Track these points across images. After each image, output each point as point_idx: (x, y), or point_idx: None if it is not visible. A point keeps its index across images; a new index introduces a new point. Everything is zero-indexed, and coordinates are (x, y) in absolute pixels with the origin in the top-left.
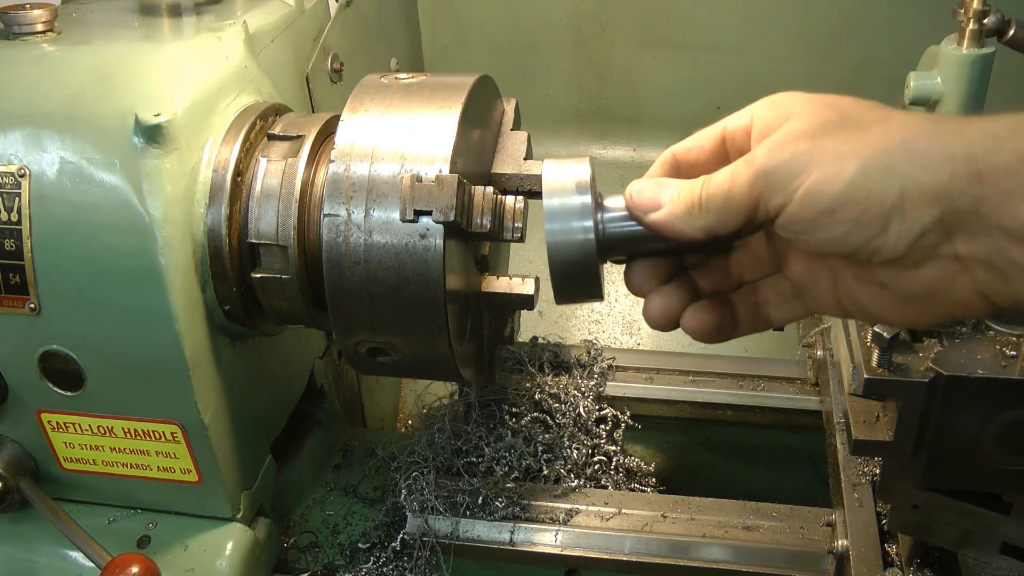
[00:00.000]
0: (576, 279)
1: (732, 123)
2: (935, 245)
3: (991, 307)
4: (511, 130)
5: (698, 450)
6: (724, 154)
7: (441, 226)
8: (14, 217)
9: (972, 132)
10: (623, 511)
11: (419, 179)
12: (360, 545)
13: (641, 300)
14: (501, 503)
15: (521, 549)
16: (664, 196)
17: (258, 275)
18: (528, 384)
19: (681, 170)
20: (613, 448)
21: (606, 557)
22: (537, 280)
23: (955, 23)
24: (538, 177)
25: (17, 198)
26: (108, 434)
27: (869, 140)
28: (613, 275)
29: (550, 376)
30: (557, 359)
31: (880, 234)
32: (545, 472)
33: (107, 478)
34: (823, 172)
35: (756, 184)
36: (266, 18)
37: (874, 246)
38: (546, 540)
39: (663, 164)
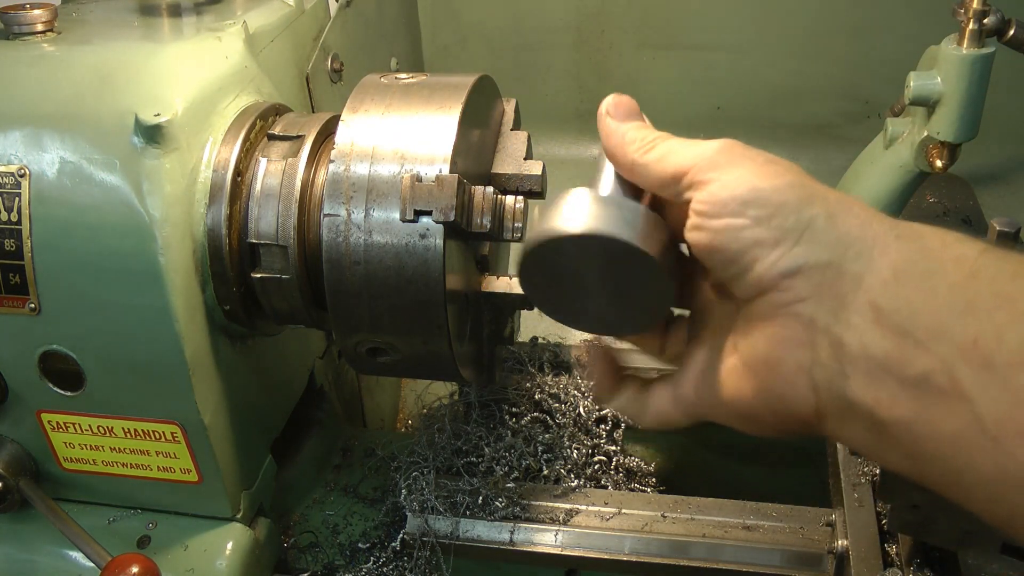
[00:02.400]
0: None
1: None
2: (800, 298)
3: (812, 405)
4: (511, 130)
5: (698, 450)
6: None
7: (441, 226)
8: (14, 217)
9: (903, 222)
10: (623, 511)
11: (419, 179)
12: (360, 545)
13: None
14: (501, 503)
15: (521, 549)
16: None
17: (258, 275)
18: (528, 384)
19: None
20: (613, 448)
21: (606, 557)
22: None
23: (955, 23)
24: (538, 177)
25: (17, 198)
26: (108, 434)
27: (808, 177)
28: None
29: (550, 376)
30: (557, 359)
31: (768, 249)
32: (545, 472)
33: (107, 478)
34: (756, 169)
35: (696, 156)
36: (266, 18)
37: (751, 259)
38: (546, 540)
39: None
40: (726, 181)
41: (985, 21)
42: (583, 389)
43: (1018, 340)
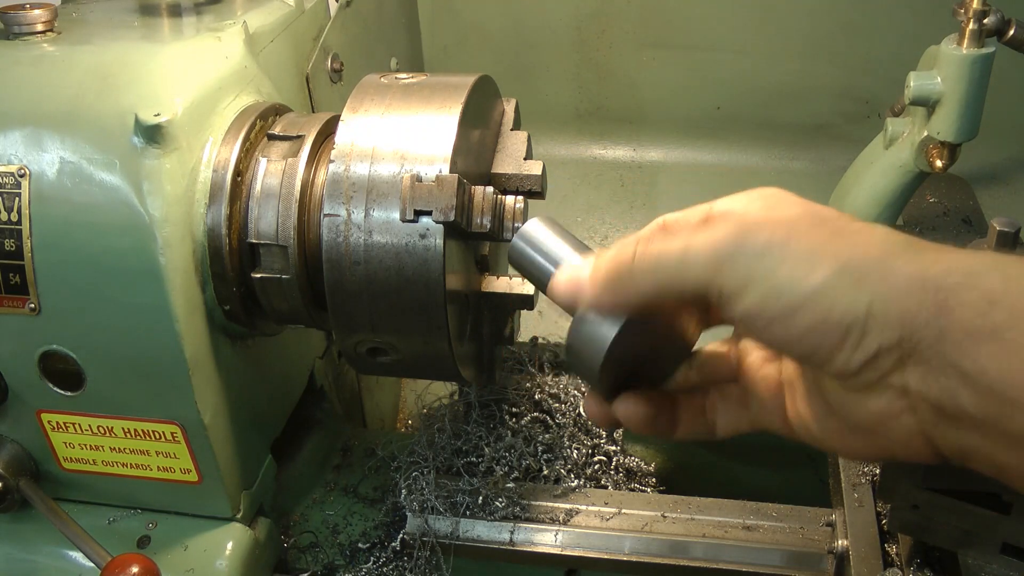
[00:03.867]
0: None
1: (720, 206)
2: (888, 372)
3: (934, 453)
4: (511, 130)
5: (698, 450)
6: None
7: (441, 226)
8: (14, 217)
9: (948, 261)
10: (623, 511)
11: (419, 179)
12: (360, 545)
13: None
14: (501, 503)
15: (521, 549)
16: (583, 272)
17: (258, 275)
18: (528, 384)
19: None
20: (613, 448)
21: (606, 557)
22: None
23: (955, 23)
24: (538, 177)
25: (17, 198)
26: (108, 434)
27: (846, 245)
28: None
29: (550, 376)
30: (557, 359)
31: (836, 347)
32: (545, 472)
33: (107, 478)
34: (793, 270)
35: (717, 259)
36: (266, 18)
37: (826, 356)
38: (546, 540)
39: (651, 230)
40: (764, 291)
41: (985, 21)
42: (583, 389)
43: None
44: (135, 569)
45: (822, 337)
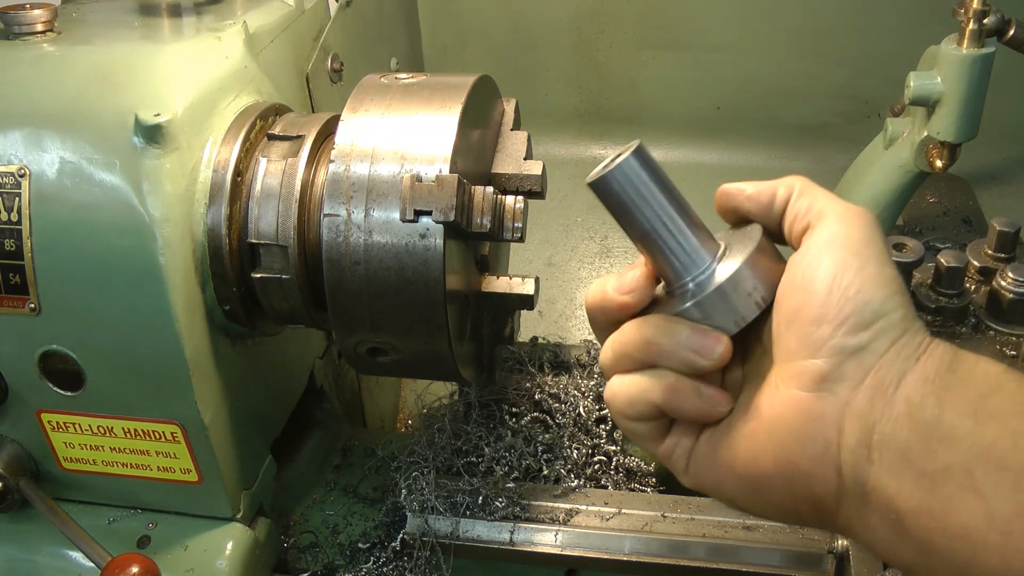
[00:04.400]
0: None
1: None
2: (844, 378)
3: (832, 489)
4: (511, 130)
5: None
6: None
7: (441, 226)
8: (14, 217)
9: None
10: (623, 511)
11: (419, 179)
12: (360, 545)
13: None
14: (501, 503)
15: (521, 549)
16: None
17: (258, 275)
18: (528, 384)
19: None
20: (613, 448)
21: (606, 557)
22: (537, 280)
23: (955, 23)
24: (538, 177)
25: (17, 198)
26: (108, 434)
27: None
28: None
29: (550, 376)
30: (557, 359)
31: (842, 318)
32: (545, 472)
33: (107, 478)
34: (874, 255)
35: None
36: (266, 18)
37: (825, 316)
38: (546, 540)
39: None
40: (849, 238)
41: (985, 21)
42: (583, 389)
43: None
44: (135, 569)
45: (843, 300)
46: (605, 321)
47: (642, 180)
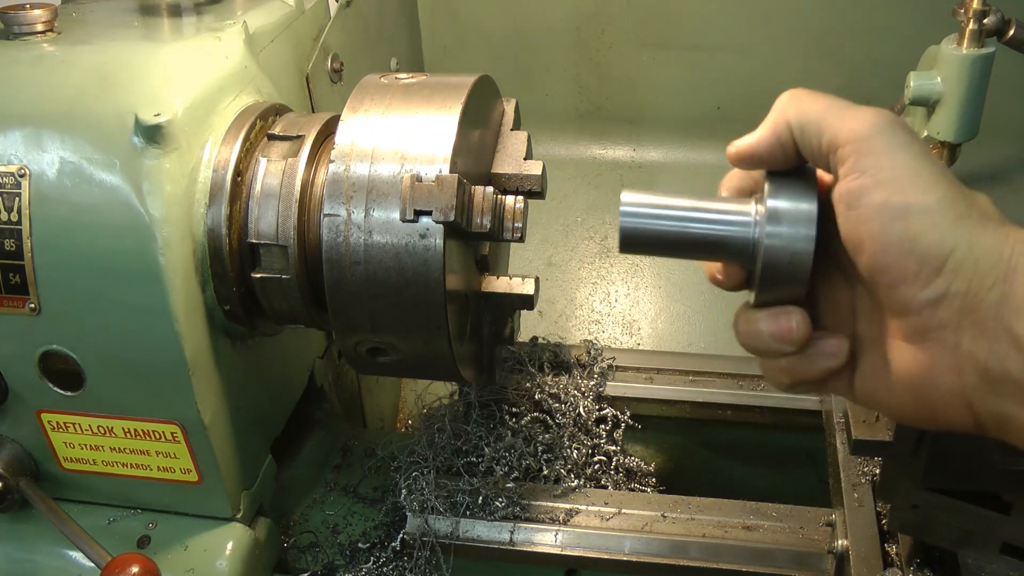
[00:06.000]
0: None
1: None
2: (944, 324)
3: (973, 420)
4: (511, 130)
5: (698, 450)
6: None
7: (441, 226)
8: (14, 217)
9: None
10: (623, 511)
11: (419, 179)
12: (360, 545)
13: (639, 301)
14: (501, 503)
15: (521, 549)
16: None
17: (258, 275)
18: (528, 384)
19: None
20: (613, 448)
21: (606, 557)
22: (537, 280)
23: (955, 23)
24: (538, 177)
25: (17, 198)
26: (108, 434)
27: (960, 188)
28: (613, 274)
29: (550, 376)
30: (557, 359)
31: (911, 275)
32: (545, 472)
33: (107, 478)
34: (915, 177)
35: (852, 139)
36: (266, 18)
37: (897, 279)
38: (546, 540)
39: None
40: (879, 179)
41: (985, 21)
42: (583, 389)
43: None
44: (135, 569)
45: (904, 257)
46: None
47: (648, 215)
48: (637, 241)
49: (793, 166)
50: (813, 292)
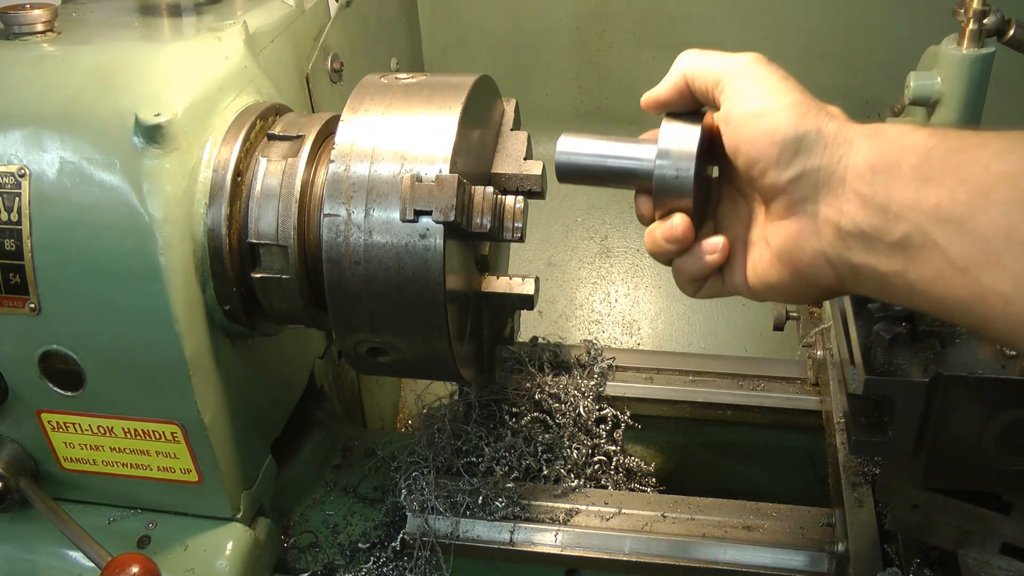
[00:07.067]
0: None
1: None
2: (804, 198)
3: (834, 275)
4: (511, 130)
5: (698, 450)
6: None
7: (441, 226)
8: (14, 217)
9: (865, 125)
10: (623, 511)
11: (419, 179)
12: (360, 545)
13: (639, 301)
14: (501, 503)
15: (521, 549)
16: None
17: (258, 275)
18: (528, 384)
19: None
20: (613, 448)
21: (606, 557)
22: (537, 280)
23: (955, 23)
24: (538, 177)
25: (17, 198)
26: (108, 434)
27: (809, 97)
28: (613, 274)
29: (550, 376)
30: (557, 359)
31: (774, 160)
32: (545, 472)
33: (107, 478)
34: (771, 90)
35: (730, 69)
36: (266, 18)
37: (765, 167)
38: (546, 540)
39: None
40: (746, 97)
41: (985, 21)
42: (583, 389)
43: (966, 196)
44: (135, 569)
45: (766, 147)
46: None
47: (577, 153)
48: (568, 173)
49: (692, 109)
50: (717, 213)
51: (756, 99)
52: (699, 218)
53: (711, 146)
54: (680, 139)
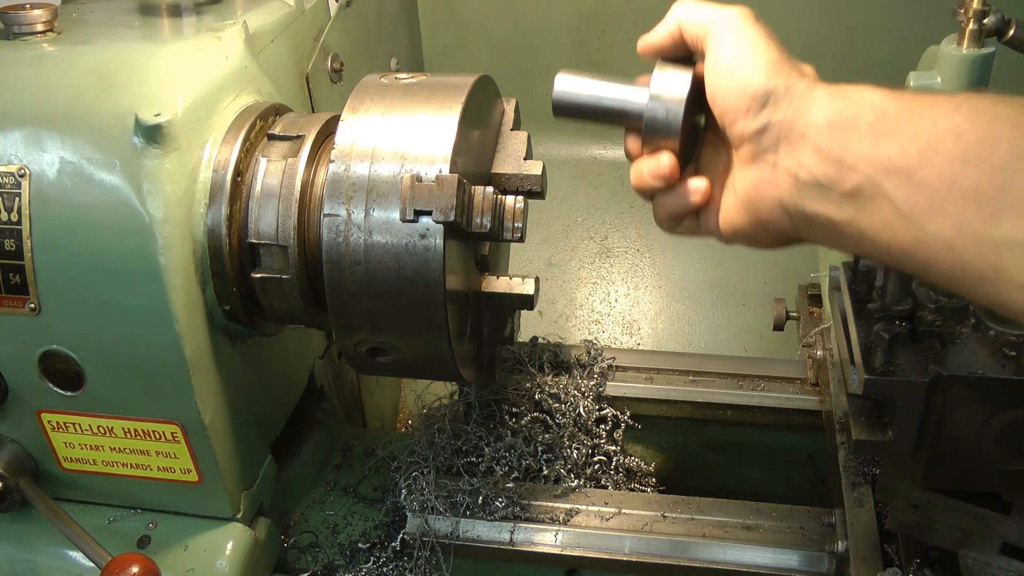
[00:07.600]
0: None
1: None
2: (767, 148)
3: (789, 222)
4: (511, 130)
5: (698, 450)
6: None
7: (441, 226)
8: (14, 217)
9: (833, 85)
10: (623, 511)
11: (419, 179)
12: (360, 545)
13: (639, 301)
14: (501, 503)
15: (521, 549)
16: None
17: (258, 275)
18: (528, 384)
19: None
20: (613, 448)
21: (606, 557)
22: (537, 280)
23: (955, 23)
24: (538, 177)
25: (17, 198)
26: (108, 434)
27: (785, 56)
28: (613, 274)
29: (550, 376)
30: (557, 359)
31: (744, 109)
32: (545, 472)
33: (107, 478)
34: (749, 46)
35: (711, 27)
36: (266, 18)
37: (735, 116)
38: (546, 540)
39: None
40: (726, 50)
41: (985, 21)
42: (583, 389)
43: (915, 149)
44: (135, 569)
45: (738, 97)
46: None
47: (573, 91)
48: (563, 109)
49: (685, 55)
50: (700, 158)
51: (736, 52)
52: (684, 160)
53: (699, 93)
54: (671, 82)
